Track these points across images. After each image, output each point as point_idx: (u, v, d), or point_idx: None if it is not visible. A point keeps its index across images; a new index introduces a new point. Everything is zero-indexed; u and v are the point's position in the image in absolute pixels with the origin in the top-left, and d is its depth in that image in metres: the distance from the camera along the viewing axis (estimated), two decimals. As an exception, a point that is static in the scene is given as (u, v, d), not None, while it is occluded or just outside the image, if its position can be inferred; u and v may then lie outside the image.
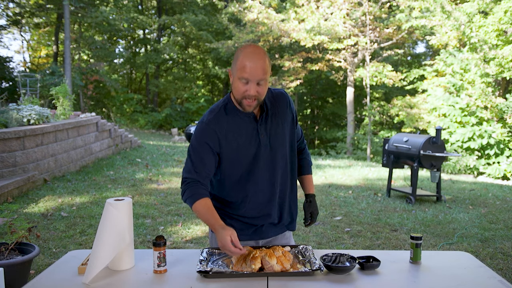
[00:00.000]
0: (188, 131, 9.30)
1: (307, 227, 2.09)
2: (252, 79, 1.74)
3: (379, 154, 16.60)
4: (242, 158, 1.89)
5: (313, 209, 2.09)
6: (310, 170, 2.19)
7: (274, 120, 1.93)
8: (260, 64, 1.74)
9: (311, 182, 2.16)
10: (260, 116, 1.91)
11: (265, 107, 1.92)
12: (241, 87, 1.77)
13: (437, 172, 6.43)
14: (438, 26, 14.14)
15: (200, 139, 1.86)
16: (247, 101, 1.79)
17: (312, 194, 2.12)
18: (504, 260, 4.03)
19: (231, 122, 1.88)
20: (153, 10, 27.18)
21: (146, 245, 4.22)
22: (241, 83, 1.77)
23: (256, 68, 1.73)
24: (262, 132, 1.90)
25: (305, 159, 2.19)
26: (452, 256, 1.99)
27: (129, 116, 23.44)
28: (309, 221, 2.09)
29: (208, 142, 1.85)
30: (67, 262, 1.87)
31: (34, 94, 11.81)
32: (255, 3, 16.31)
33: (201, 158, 1.85)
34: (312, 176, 2.19)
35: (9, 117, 6.42)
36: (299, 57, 17.86)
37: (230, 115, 1.89)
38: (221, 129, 1.86)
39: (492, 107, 13.18)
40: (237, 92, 1.80)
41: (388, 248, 4.34)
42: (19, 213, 5.05)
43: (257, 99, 1.80)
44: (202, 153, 1.85)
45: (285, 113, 1.97)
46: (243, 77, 1.74)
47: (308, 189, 2.14)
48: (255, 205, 1.96)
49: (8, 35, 25.29)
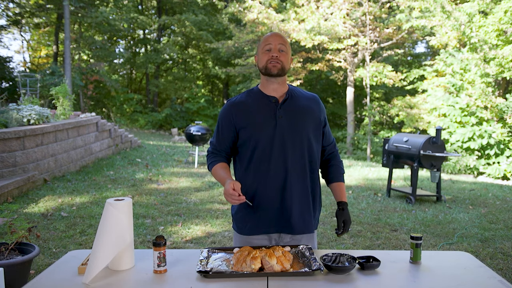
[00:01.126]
0: (188, 131, 9.28)
1: (339, 236, 2.05)
2: (273, 43, 1.96)
3: (379, 154, 16.60)
4: (258, 137, 1.96)
5: (346, 217, 2.03)
6: (342, 178, 2.15)
7: (296, 108, 1.99)
8: (280, 35, 2.00)
9: (343, 190, 2.11)
10: (282, 100, 1.99)
11: (289, 94, 2.01)
12: (265, 56, 1.97)
13: (437, 172, 6.43)
14: (438, 26, 14.14)
15: (221, 117, 2.06)
16: (272, 63, 1.95)
17: (344, 202, 2.06)
18: (504, 260, 4.03)
19: (250, 105, 2.00)
20: (153, 10, 27.19)
21: (146, 245, 4.22)
22: (265, 53, 1.97)
23: (276, 36, 1.98)
24: (281, 114, 1.96)
25: (337, 166, 2.16)
26: (452, 256, 1.99)
27: (129, 116, 23.45)
28: (342, 230, 2.03)
29: (227, 119, 2.03)
30: (67, 262, 1.87)
31: (34, 94, 11.82)
32: (255, 3, 16.31)
33: (220, 133, 2.06)
34: (344, 184, 2.14)
35: (9, 117, 6.42)
36: (299, 57, 17.86)
37: (252, 98, 2.03)
38: (238, 111, 2.00)
39: (492, 107, 13.18)
40: (262, 61, 1.98)
41: (388, 248, 4.34)
42: (19, 213, 5.05)
43: (281, 63, 1.95)
44: (221, 129, 2.06)
45: (312, 110, 2.03)
46: (266, 44, 1.96)
47: (340, 197, 2.09)
48: (267, 189, 1.97)
49: (8, 35, 25.33)
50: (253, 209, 1.99)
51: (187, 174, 8.35)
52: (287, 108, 1.98)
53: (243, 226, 2.04)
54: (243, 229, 2.04)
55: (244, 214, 2.03)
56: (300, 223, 2.01)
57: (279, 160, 1.95)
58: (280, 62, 1.94)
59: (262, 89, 2.03)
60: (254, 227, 2.02)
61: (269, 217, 1.99)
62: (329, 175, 2.15)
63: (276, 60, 1.94)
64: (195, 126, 9.28)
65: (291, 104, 1.99)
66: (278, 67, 1.94)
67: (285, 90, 2.03)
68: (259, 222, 2.01)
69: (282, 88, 2.02)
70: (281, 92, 2.01)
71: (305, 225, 2.03)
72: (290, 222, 2.00)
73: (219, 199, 6.31)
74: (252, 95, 2.03)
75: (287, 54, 1.97)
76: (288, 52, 1.98)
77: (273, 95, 2.00)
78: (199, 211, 5.59)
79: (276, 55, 1.94)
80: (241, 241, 2.06)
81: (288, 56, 1.98)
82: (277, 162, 1.95)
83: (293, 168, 1.97)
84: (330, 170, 2.15)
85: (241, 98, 2.04)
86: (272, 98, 1.99)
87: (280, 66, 1.94)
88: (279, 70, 1.94)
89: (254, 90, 2.06)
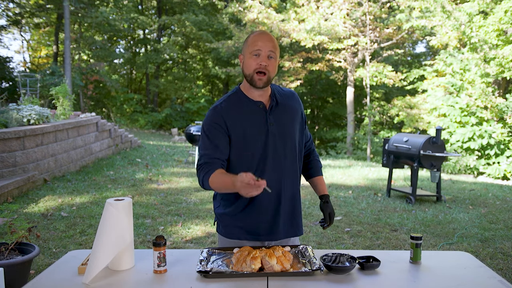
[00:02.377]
0: (188, 131, 9.28)
1: (325, 229, 2.06)
2: (263, 49, 1.83)
3: (379, 154, 16.60)
4: (251, 147, 1.88)
5: (331, 210, 2.04)
6: (321, 171, 2.17)
7: (283, 112, 1.95)
8: (270, 38, 1.86)
9: (324, 184, 2.13)
10: (270, 106, 1.93)
11: (274, 98, 1.94)
12: (252, 62, 1.84)
13: (437, 172, 6.42)
14: (439, 26, 14.14)
15: (209, 124, 1.88)
16: (259, 75, 1.84)
17: (327, 195, 2.08)
18: (504, 260, 4.03)
19: (239, 110, 1.89)
20: (153, 10, 27.19)
21: (146, 245, 4.22)
22: (252, 58, 1.84)
23: (266, 40, 1.84)
24: (272, 121, 1.91)
25: (316, 160, 2.17)
26: (452, 256, 1.99)
27: (129, 116, 23.45)
28: (329, 223, 2.04)
29: (217, 124, 1.87)
30: (67, 262, 1.87)
31: (34, 94, 11.81)
32: (255, 3, 16.31)
33: (212, 140, 1.86)
34: (323, 178, 2.16)
35: (9, 117, 6.42)
36: (299, 57, 17.86)
37: (239, 103, 1.91)
38: (228, 115, 1.88)
39: (492, 107, 13.18)
40: (249, 68, 1.85)
41: (388, 248, 4.34)
42: (19, 213, 5.05)
43: (268, 73, 1.84)
44: (212, 136, 1.87)
45: (295, 110, 2.00)
46: (255, 49, 1.83)
47: (323, 190, 2.10)
48: (263, 197, 1.90)
49: (8, 35, 25.36)
50: (248, 214, 1.94)
51: (187, 174, 8.35)
52: (276, 113, 1.93)
53: (231, 231, 1.98)
54: (231, 234, 1.99)
55: (234, 220, 1.97)
56: (295, 226, 2.02)
57: (273, 167, 1.91)
58: (267, 72, 1.84)
59: (247, 92, 1.93)
60: (245, 233, 1.96)
61: (262, 225, 1.96)
62: (309, 170, 2.15)
63: (264, 71, 1.83)
64: (195, 126, 9.28)
65: (278, 109, 1.94)
66: (264, 81, 1.85)
67: (269, 93, 1.96)
68: (251, 229, 1.96)
69: (266, 92, 1.95)
70: (266, 96, 1.94)
71: (298, 229, 2.05)
72: (282, 227, 1.98)
73: (219, 199, 6.30)
74: (237, 99, 1.92)
75: (275, 60, 1.87)
76: (277, 57, 1.88)
77: (259, 99, 1.92)
78: (199, 211, 5.59)
79: (265, 63, 1.82)
80: (229, 244, 2.01)
81: (276, 62, 1.88)
82: (271, 170, 1.91)
83: (287, 174, 1.95)
84: (310, 165, 2.15)
85: (226, 104, 1.91)
86: (259, 103, 1.91)
87: (266, 79, 1.85)
88: (264, 83, 1.86)
89: (238, 94, 1.94)
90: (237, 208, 1.95)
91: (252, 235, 1.96)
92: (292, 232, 2.02)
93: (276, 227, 1.97)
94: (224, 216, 2.00)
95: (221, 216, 2.02)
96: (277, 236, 1.98)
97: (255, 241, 1.98)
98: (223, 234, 2.02)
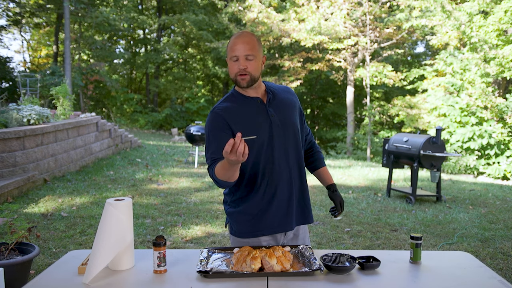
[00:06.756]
0: (188, 131, 9.28)
1: (336, 217, 2.10)
2: (240, 54, 1.84)
3: (379, 154, 16.60)
4: (259, 139, 1.89)
5: (340, 198, 2.11)
6: (324, 162, 2.23)
7: (282, 104, 1.99)
8: (246, 40, 1.86)
9: (329, 173, 2.19)
10: (267, 99, 1.97)
11: (270, 91, 1.99)
12: (233, 65, 1.88)
13: (437, 172, 6.43)
14: (439, 26, 14.14)
15: (211, 126, 1.91)
16: (240, 76, 1.87)
17: (334, 184, 2.14)
18: (504, 260, 4.03)
19: (239, 109, 1.92)
20: (153, 10, 27.18)
21: (146, 245, 4.22)
22: (232, 62, 1.87)
23: (242, 43, 1.85)
24: (272, 113, 1.94)
25: (318, 152, 2.22)
26: (452, 256, 1.99)
27: (129, 116, 23.46)
28: (340, 211, 2.11)
29: (218, 125, 1.89)
30: (67, 262, 1.87)
31: (34, 94, 11.82)
32: (255, 3, 16.30)
33: (216, 142, 1.87)
34: (327, 168, 2.22)
35: (9, 117, 6.42)
36: (299, 57, 17.86)
37: (237, 102, 1.95)
38: (228, 114, 1.90)
39: (492, 107, 13.18)
40: (231, 72, 1.89)
41: (388, 248, 4.34)
42: (19, 213, 5.05)
43: (249, 74, 1.86)
44: (218, 137, 1.87)
45: (293, 102, 2.04)
46: (233, 54, 1.85)
47: (329, 180, 2.16)
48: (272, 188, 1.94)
49: (8, 35, 25.35)
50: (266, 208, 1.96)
51: (187, 174, 8.35)
52: (275, 105, 1.97)
53: (246, 229, 1.98)
54: (247, 233, 1.99)
55: (249, 218, 1.97)
56: (306, 214, 2.06)
57: (281, 156, 1.95)
58: (248, 73, 1.86)
59: (242, 91, 1.97)
60: (262, 229, 1.97)
61: (277, 217, 1.97)
62: (313, 162, 2.20)
63: (244, 73, 1.86)
64: (195, 126, 9.29)
65: (276, 102, 1.99)
66: (247, 80, 1.88)
67: (264, 88, 2.01)
68: (268, 223, 1.97)
69: (260, 88, 1.99)
70: (262, 92, 1.99)
71: (309, 216, 2.09)
72: (295, 216, 2.02)
73: (219, 199, 6.30)
74: (235, 99, 1.96)
75: (256, 58, 1.86)
76: (258, 55, 1.87)
77: (256, 96, 1.96)
78: (199, 211, 5.60)
79: (243, 67, 1.84)
80: (242, 244, 2.00)
81: (258, 61, 1.88)
82: (279, 159, 1.95)
83: (294, 163, 2.00)
84: (313, 158, 2.20)
85: (226, 104, 1.94)
86: (256, 99, 1.95)
87: (249, 78, 1.87)
88: (248, 82, 1.88)
89: (234, 94, 1.98)
90: (254, 203, 1.96)
91: (269, 229, 1.97)
92: (303, 219, 2.06)
93: (290, 216, 2.00)
94: (238, 214, 1.99)
95: (235, 215, 2.00)
96: (291, 226, 2.01)
97: (270, 235, 1.99)
98: (236, 234, 2.01)
